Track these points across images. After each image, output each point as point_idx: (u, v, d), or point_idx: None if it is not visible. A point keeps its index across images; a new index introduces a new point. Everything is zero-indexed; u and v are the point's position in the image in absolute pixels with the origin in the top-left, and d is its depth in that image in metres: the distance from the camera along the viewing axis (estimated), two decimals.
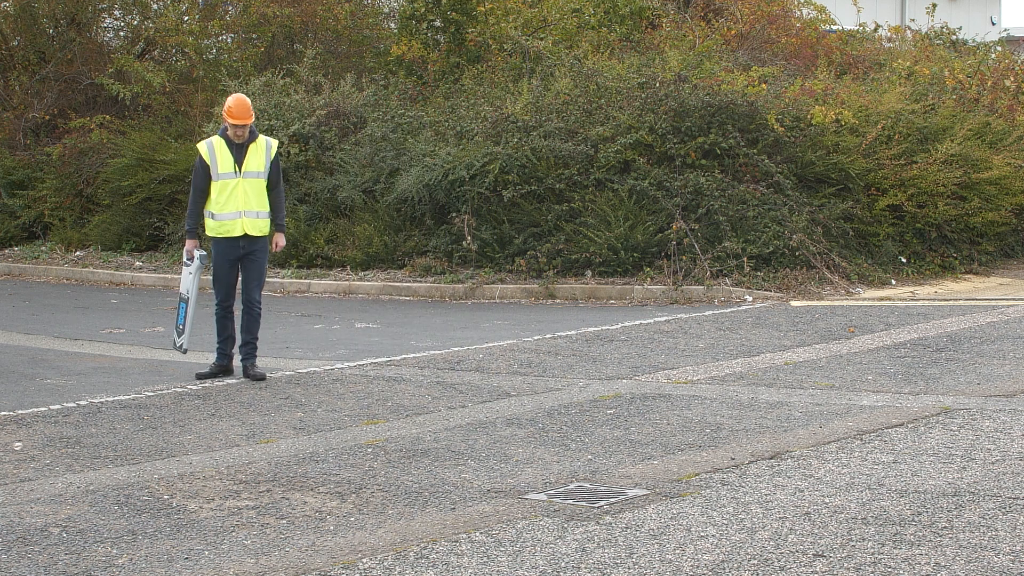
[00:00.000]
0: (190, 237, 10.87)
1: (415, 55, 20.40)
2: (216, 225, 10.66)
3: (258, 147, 10.65)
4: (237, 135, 10.52)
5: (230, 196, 10.57)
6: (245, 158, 10.59)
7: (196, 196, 10.69)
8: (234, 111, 10.45)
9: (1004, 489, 7.15)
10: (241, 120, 10.44)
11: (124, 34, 24.15)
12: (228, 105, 10.48)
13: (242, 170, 10.60)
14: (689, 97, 16.89)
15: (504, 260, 16.93)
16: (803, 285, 15.69)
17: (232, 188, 10.57)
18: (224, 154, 10.58)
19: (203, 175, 10.59)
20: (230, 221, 10.61)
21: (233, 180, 10.58)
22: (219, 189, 10.58)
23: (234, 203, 10.58)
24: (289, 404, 9.88)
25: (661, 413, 9.28)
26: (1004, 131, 18.26)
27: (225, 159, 10.57)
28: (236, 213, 10.60)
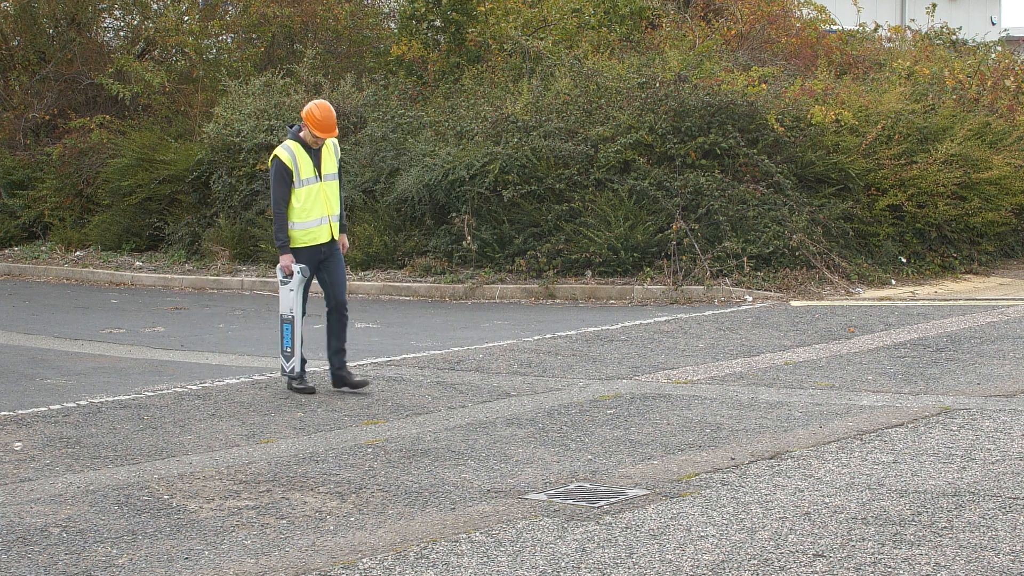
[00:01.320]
0: (284, 252, 10.10)
1: (415, 55, 20.40)
2: (302, 234, 10.11)
3: (328, 148, 10.19)
4: (316, 142, 10.04)
5: (315, 202, 10.07)
6: (321, 160, 10.12)
7: (283, 207, 10.00)
8: (322, 125, 9.95)
9: (1004, 489, 7.15)
10: (328, 135, 9.99)
11: (124, 34, 24.16)
12: (315, 116, 9.91)
13: (322, 174, 10.12)
14: (689, 97, 16.89)
15: (504, 260, 16.93)
16: (803, 285, 15.69)
17: (316, 193, 10.07)
18: (304, 158, 10.04)
19: (285, 183, 10.01)
20: (316, 228, 10.12)
21: (316, 185, 10.07)
22: (304, 196, 10.03)
23: (319, 209, 10.09)
24: (289, 404, 9.88)
25: (661, 413, 9.28)
26: (1004, 131, 18.25)
27: (306, 164, 10.04)
28: (322, 219, 10.13)
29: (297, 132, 10.07)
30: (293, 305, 10.14)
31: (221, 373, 11.27)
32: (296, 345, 10.14)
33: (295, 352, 10.15)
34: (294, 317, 10.14)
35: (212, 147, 19.50)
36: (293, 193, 10.01)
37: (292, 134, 10.09)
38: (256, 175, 18.97)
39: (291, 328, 10.17)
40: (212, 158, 19.54)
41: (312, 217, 10.07)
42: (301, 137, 10.04)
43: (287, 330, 10.18)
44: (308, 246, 10.14)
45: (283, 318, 10.21)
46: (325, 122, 9.92)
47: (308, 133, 9.96)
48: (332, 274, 10.31)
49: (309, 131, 9.94)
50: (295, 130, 10.09)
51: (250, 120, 19.14)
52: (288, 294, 10.16)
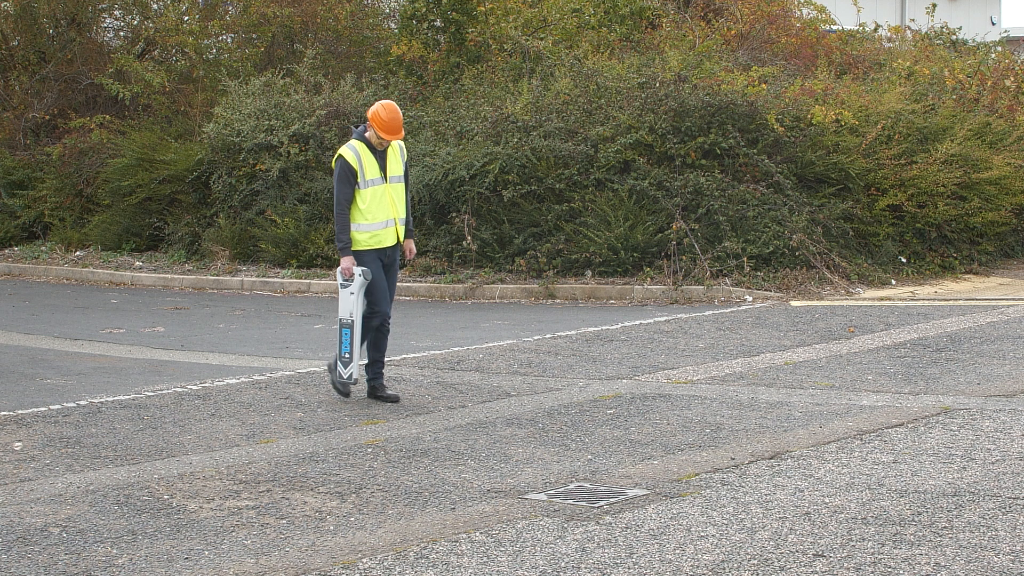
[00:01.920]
0: (346, 254, 9.75)
1: (415, 55, 20.40)
2: (367, 236, 9.77)
3: (394, 149, 9.89)
4: (381, 143, 9.77)
5: (380, 204, 9.76)
6: (387, 162, 9.83)
7: (345, 208, 9.73)
8: (389, 127, 9.67)
9: (1004, 489, 7.15)
10: (394, 137, 9.72)
11: (124, 34, 24.17)
12: (381, 117, 9.63)
13: (388, 175, 9.82)
14: (689, 97, 16.89)
15: (504, 260, 16.94)
16: (803, 285, 15.69)
17: (380, 195, 9.77)
18: (369, 159, 9.76)
19: (349, 183, 9.72)
20: (382, 231, 9.80)
21: (381, 187, 9.79)
22: (369, 197, 9.73)
23: (384, 211, 9.78)
24: (289, 404, 9.88)
25: (661, 413, 9.28)
26: (1004, 131, 18.25)
27: (371, 165, 9.76)
28: (387, 221, 9.80)
29: (362, 132, 9.80)
30: (353, 309, 9.74)
31: (221, 373, 11.27)
32: (355, 351, 9.78)
33: (353, 358, 9.79)
34: (354, 322, 9.75)
35: (212, 147, 19.51)
36: (357, 194, 9.72)
37: (357, 134, 9.83)
38: (256, 175, 18.97)
39: (350, 333, 9.78)
40: (212, 158, 19.55)
41: (377, 219, 9.76)
42: (367, 138, 9.78)
43: (346, 335, 9.80)
44: (372, 249, 9.80)
45: (342, 322, 9.83)
46: (391, 123, 9.65)
47: (373, 134, 9.70)
48: (386, 283, 9.95)
49: (374, 132, 9.68)
50: (360, 130, 9.83)
51: (250, 120, 19.14)
52: (348, 298, 9.76)
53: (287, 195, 18.76)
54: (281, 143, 18.72)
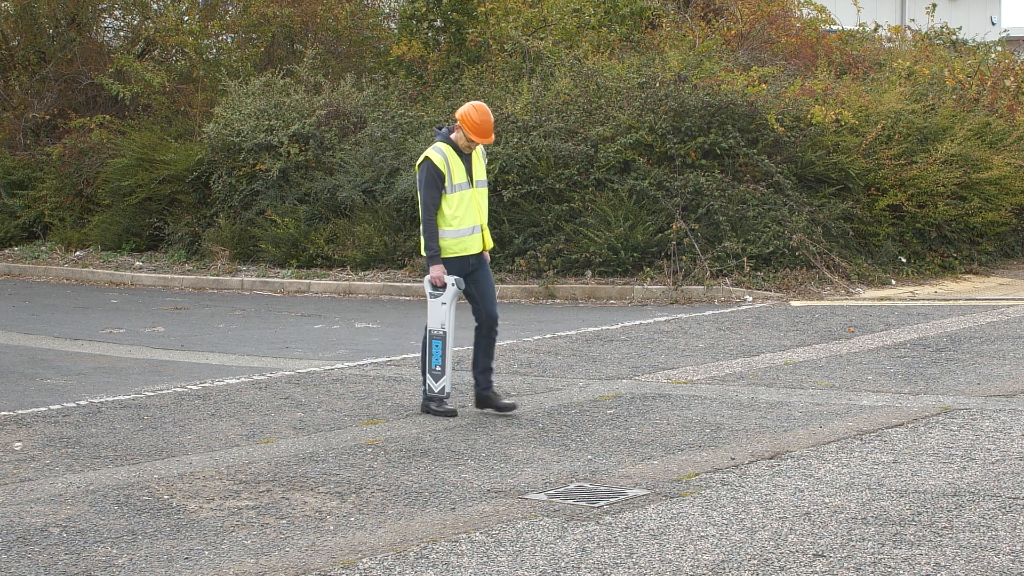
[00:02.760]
0: (435, 263, 9.29)
1: (415, 55, 20.40)
2: (453, 243, 9.32)
3: (477, 153, 9.48)
4: (469, 146, 9.34)
5: (467, 209, 9.32)
6: (473, 166, 9.41)
7: (433, 213, 9.25)
8: (480, 129, 9.21)
9: (1004, 489, 7.15)
10: (485, 140, 9.27)
11: (124, 34, 24.17)
12: (472, 119, 9.17)
13: (474, 180, 9.40)
14: (689, 97, 16.89)
15: (504, 260, 16.93)
16: (803, 285, 15.69)
17: (468, 200, 9.32)
18: (457, 163, 9.30)
19: (437, 187, 9.23)
20: (468, 237, 9.36)
21: (468, 191, 9.33)
22: (456, 202, 9.27)
23: (471, 217, 9.33)
24: (289, 404, 9.88)
25: (661, 413, 9.28)
26: (1004, 131, 18.26)
27: (459, 168, 9.30)
28: (474, 227, 9.37)
29: (448, 134, 9.35)
30: (445, 320, 9.29)
31: (221, 373, 11.27)
32: (447, 364, 9.31)
33: (446, 371, 9.30)
34: (446, 333, 9.31)
35: (212, 147, 19.51)
36: (444, 199, 9.26)
37: (443, 136, 9.36)
38: (256, 175, 18.98)
39: (442, 345, 9.31)
40: (212, 158, 19.55)
41: (465, 225, 9.31)
42: (453, 140, 9.31)
43: (437, 347, 9.31)
44: (459, 256, 9.34)
45: (433, 334, 9.34)
46: (483, 126, 9.18)
47: (462, 136, 9.23)
48: (482, 287, 9.51)
49: (463, 134, 9.21)
50: (445, 132, 9.39)
51: (250, 120, 19.14)
52: (440, 308, 9.30)
53: (287, 195, 18.77)
54: (281, 143, 18.72)
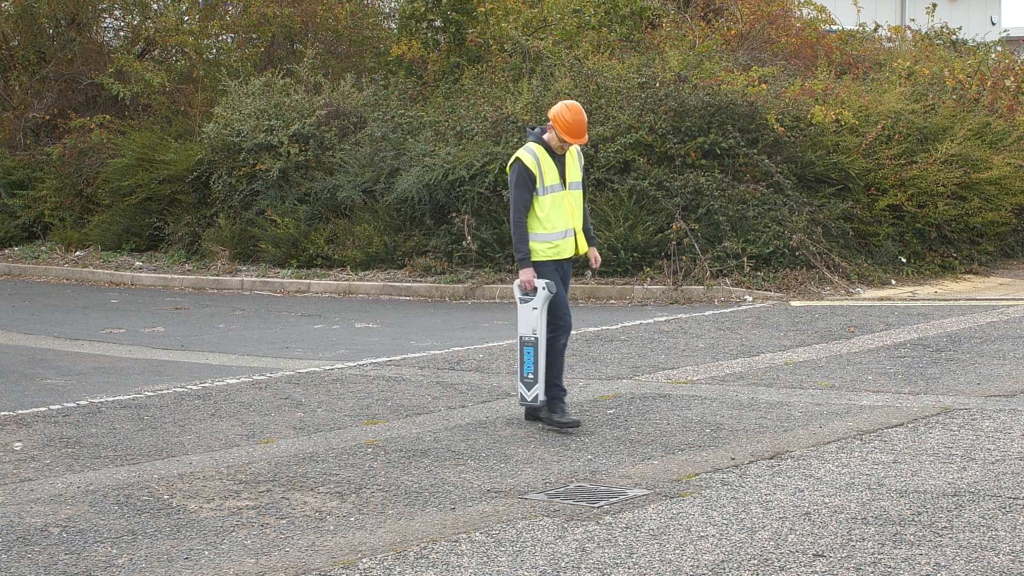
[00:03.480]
0: (525, 266, 8.96)
1: (415, 55, 20.40)
2: (545, 247, 9.00)
3: (572, 153, 9.18)
4: (562, 147, 9.05)
5: (559, 212, 9.01)
6: (566, 167, 9.11)
7: (524, 215, 8.96)
8: (573, 129, 8.91)
9: (1004, 489, 7.15)
10: (579, 140, 8.98)
11: (124, 34, 24.18)
12: (565, 118, 8.88)
13: (567, 181, 9.09)
14: (689, 97, 16.89)
15: (504, 260, 16.93)
16: (803, 285, 15.69)
17: (560, 202, 9.02)
18: (549, 164, 9.01)
19: (528, 189, 8.93)
20: (561, 241, 9.03)
21: (561, 193, 9.04)
22: (548, 204, 8.97)
23: (564, 220, 9.03)
24: (289, 404, 9.88)
25: (661, 413, 9.28)
26: (1004, 131, 18.25)
27: (551, 170, 9.02)
28: (566, 231, 9.05)
29: (540, 135, 9.08)
30: (537, 326, 8.91)
31: (221, 373, 11.27)
32: (540, 371, 8.91)
33: (538, 379, 8.91)
34: (537, 339, 8.92)
35: (212, 147, 19.51)
36: (536, 201, 8.95)
37: (534, 136, 9.10)
38: (256, 175, 18.98)
39: (534, 352, 8.93)
40: (212, 158, 19.55)
41: (557, 228, 9.00)
42: (545, 140, 9.03)
43: (529, 354, 8.95)
44: (550, 260, 9.03)
45: (524, 340, 8.98)
46: (577, 126, 8.89)
47: (554, 136, 8.94)
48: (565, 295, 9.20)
49: (556, 134, 8.91)
50: (537, 132, 9.12)
51: (250, 120, 19.15)
52: (531, 313, 8.93)
53: (287, 195, 18.77)
54: (281, 143, 18.72)
